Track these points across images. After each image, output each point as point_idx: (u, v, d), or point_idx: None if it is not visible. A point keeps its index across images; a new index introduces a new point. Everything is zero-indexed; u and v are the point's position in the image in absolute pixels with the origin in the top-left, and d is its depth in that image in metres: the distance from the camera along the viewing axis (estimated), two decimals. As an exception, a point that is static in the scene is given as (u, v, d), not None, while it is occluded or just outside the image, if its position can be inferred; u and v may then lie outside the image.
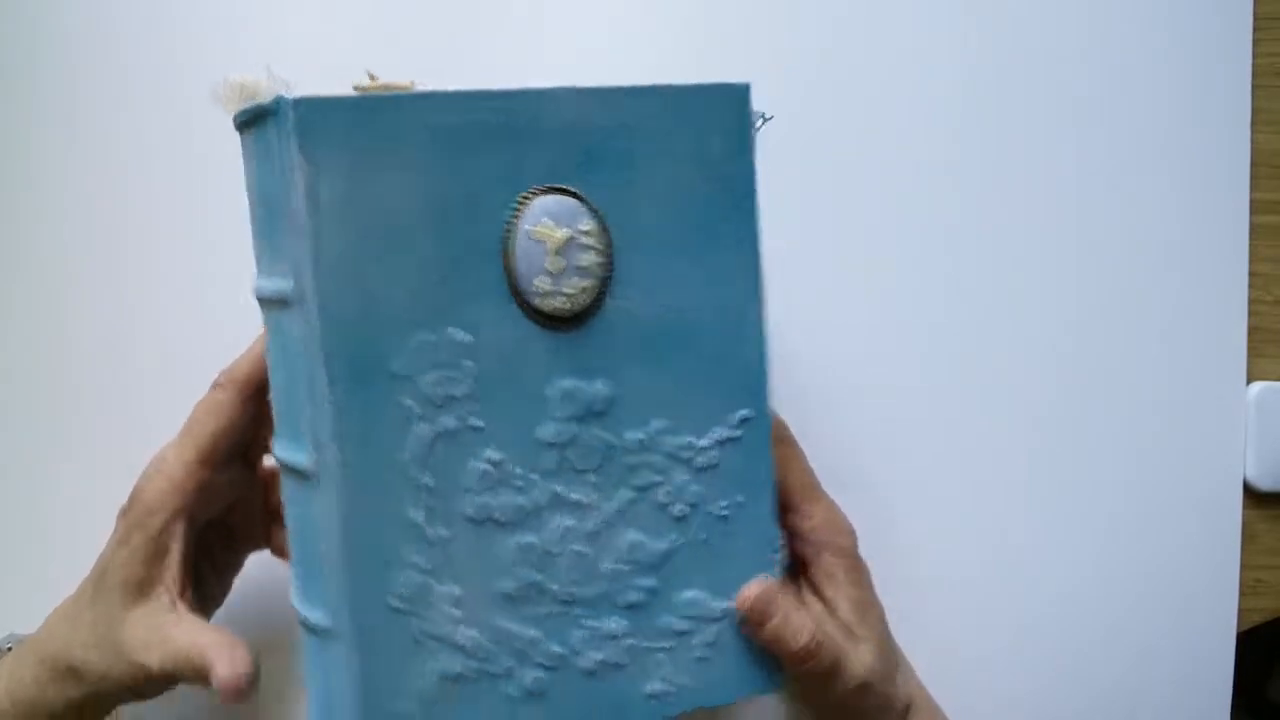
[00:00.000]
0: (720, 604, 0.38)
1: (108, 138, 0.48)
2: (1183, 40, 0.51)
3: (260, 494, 0.42)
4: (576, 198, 0.35)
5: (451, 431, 0.35)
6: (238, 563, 0.43)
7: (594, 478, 0.36)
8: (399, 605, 0.34)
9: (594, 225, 0.35)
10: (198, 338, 0.47)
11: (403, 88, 0.34)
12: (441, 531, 0.35)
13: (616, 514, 0.37)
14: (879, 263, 0.50)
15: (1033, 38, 0.50)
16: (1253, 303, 0.51)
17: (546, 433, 0.36)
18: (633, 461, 0.37)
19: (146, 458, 0.39)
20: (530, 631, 0.36)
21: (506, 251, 0.34)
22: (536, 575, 0.36)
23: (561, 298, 0.35)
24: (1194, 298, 0.50)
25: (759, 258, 0.38)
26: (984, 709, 0.49)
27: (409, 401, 0.34)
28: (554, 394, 0.36)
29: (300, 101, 0.32)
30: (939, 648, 0.48)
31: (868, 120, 0.50)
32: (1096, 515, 0.50)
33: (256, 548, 0.43)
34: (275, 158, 0.33)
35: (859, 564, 0.41)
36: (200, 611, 0.41)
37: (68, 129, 0.48)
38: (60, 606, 0.40)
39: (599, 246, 0.35)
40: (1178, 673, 0.50)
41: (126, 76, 0.48)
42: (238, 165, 0.36)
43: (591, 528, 0.37)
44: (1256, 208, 0.51)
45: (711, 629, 0.38)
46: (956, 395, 0.50)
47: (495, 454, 0.35)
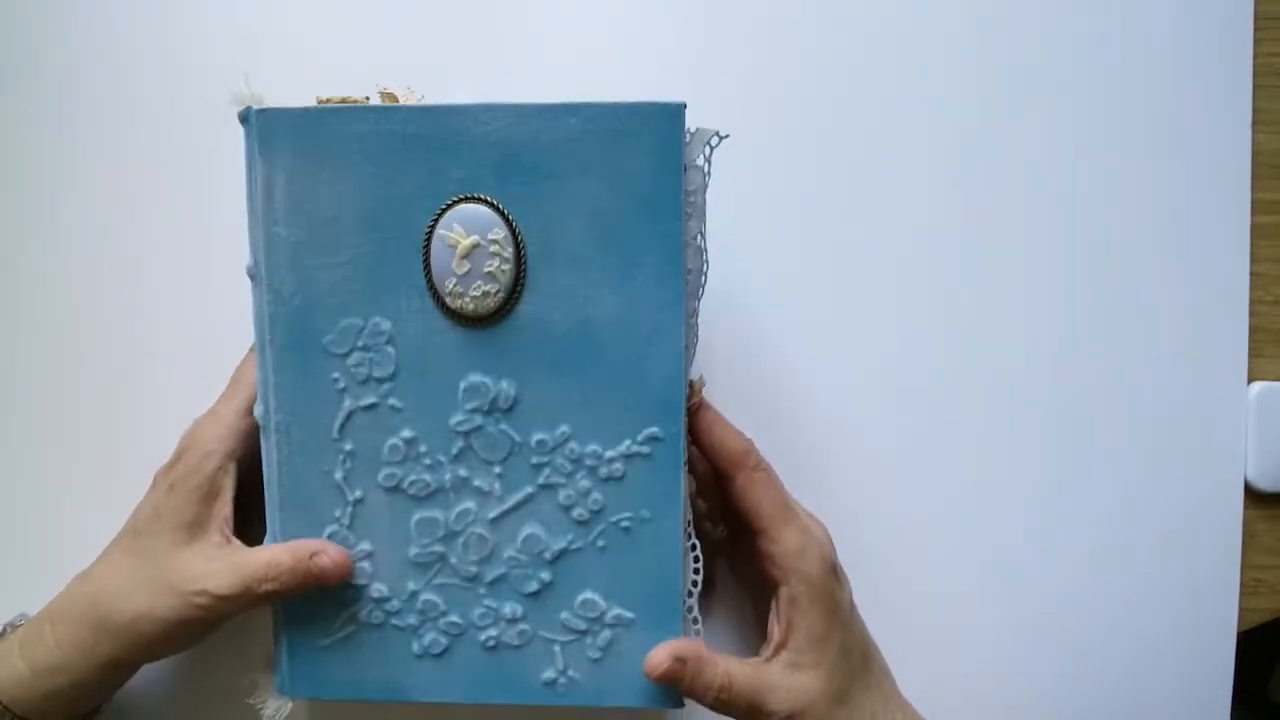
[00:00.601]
0: (615, 611, 0.40)
1: (110, 134, 0.49)
2: (1183, 40, 0.50)
3: None
4: (492, 207, 0.38)
5: (372, 407, 0.39)
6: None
7: (499, 469, 0.40)
8: None
9: (504, 234, 0.38)
10: (202, 334, 0.47)
11: (357, 101, 0.39)
12: (357, 493, 0.40)
13: (517, 506, 0.40)
14: (878, 261, 0.50)
15: (1033, 38, 0.50)
16: (1253, 303, 0.51)
17: (455, 421, 0.39)
18: (537, 460, 0.40)
19: (152, 449, 0.41)
20: (434, 597, 0.40)
21: (425, 253, 0.38)
22: (440, 548, 0.40)
23: (468, 299, 0.38)
24: (1194, 298, 0.50)
25: (682, 280, 0.38)
26: (984, 709, 0.49)
27: (336, 375, 0.39)
28: (464, 387, 0.39)
29: (261, 111, 0.38)
30: (939, 648, 0.49)
31: (865, 119, 0.50)
32: (1097, 515, 0.50)
33: None
34: (249, 157, 0.39)
35: (826, 590, 0.40)
36: None
37: (69, 125, 0.49)
38: (79, 575, 0.41)
39: (505, 255, 0.38)
40: (1178, 673, 0.50)
41: (127, 74, 0.49)
42: (239, 169, 0.37)
43: (493, 515, 0.40)
44: (1257, 208, 0.51)
45: (607, 633, 0.40)
46: (956, 396, 0.50)
47: (409, 433, 0.39)
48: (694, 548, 0.41)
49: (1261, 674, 0.72)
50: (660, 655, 0.39)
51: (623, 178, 0.38)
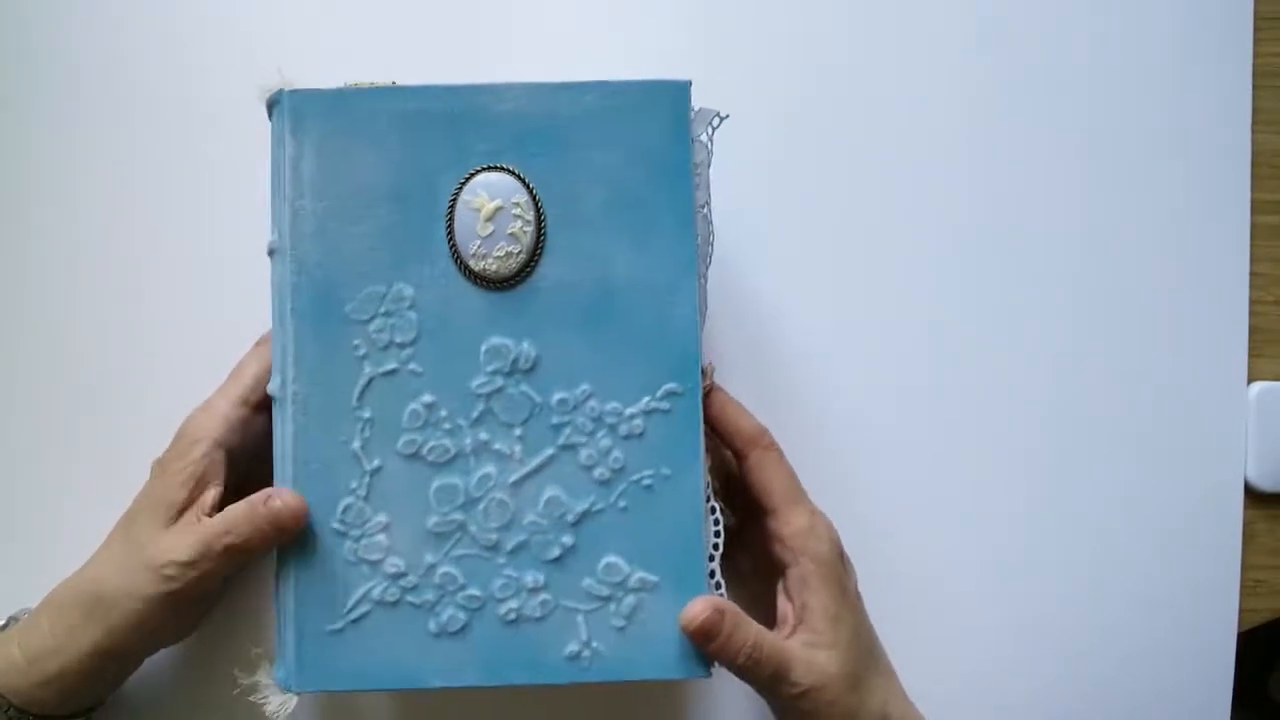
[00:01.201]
0: (639, 574, 0.40)
1: (110, 135, 0.49)
2: (1183, 40, 0.51)
3: None
4: (513, 175, 0.40)
5: (392, 372, 0.40)
6: None
7: (519, 431, 0.40)
8: (340, 527, 0.39)
9: (526, 199, 0.40)
10: (203, 332, 0.47)
11: (384, 85, 0.40)
12: (375, 462, 0.40)
13: (538, 468, 0.40)
14: (878, 260, 0.50)
15: (1033, 38, 0.50)
16: (1253, 303, 0.51)
17: (476, 383, 0.40)
18: (558, 421, 0.40)
19: (152, 447, 0.41)
20: (452, 570, 0.40)
21: (449, 219, 0.40)
22: (460, 516, 0.40)
23: (492, 260, 0.39)
24: (1194, 298, 0.50)
25: (695, 243, 0.40)
26: (984, 708, 0.49)
27: (357, 341, 0.40)
28: (485, 349, 0.40)
29: (293, 93, 0.40)
30: (938, 647, 0.49)
31: (869, 120, 0.50)
32: (1097, 515, 0.50)
33: None
34: (278, 138, 0.40)
35: (835, 571, 0.41)
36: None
37: (68, 126, 0.49)
38: (77, 570, 0.41)
39: (528, 217, 0.40)
40: (1178, 673, 0.50)
41: (125, 74, 0.49)
42: (238, 169, 0.37)
43: (514, 479, 0.40)
44: (1257, 208, 0.51)
45: (630, 599, 0.40)
46: (957, 395, 0.50)
47: (429, 397, 0.40)
48: (714, 510, 0.41)
49: (1261, 674, 0.72)
50: (700, 605, 0.39)
51: (636, 148, 0.40)
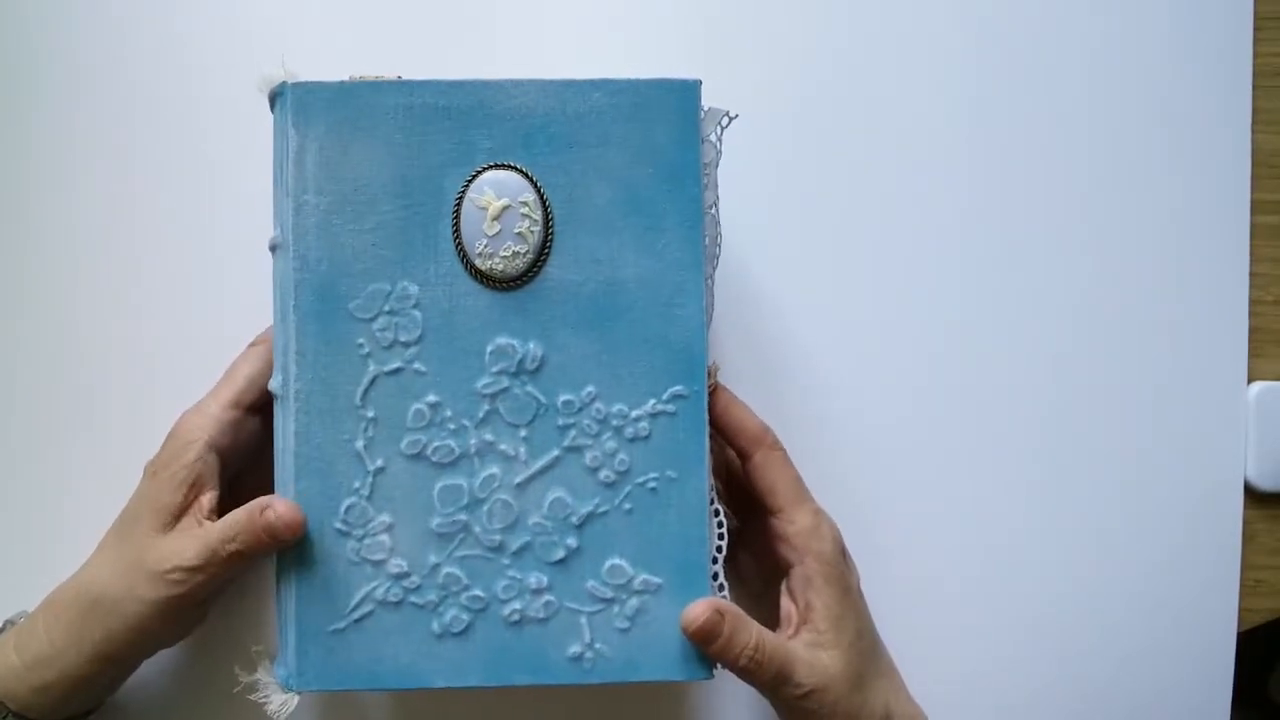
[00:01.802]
0: (643, 576, 0.40)
1: (109, 135, 0.49)
2: (1183, 40, 0.51)
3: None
4: (521, 173, 0.39)
5: (397, 371, 0.39)
6: None
7: (524, 432, 0.40)
8: (342, 527, 0.39)
9: (533, 198, 0.39)
10: (203, 334, 0.47)
11: (389, 79, 0.40)
12: (379, 462, 0.39)
13: (543, 470, 0.40)
14: (879, 260, 0.50)
15: (1033, 38, 0.50)
16: (1253, 303, 0.51)
17: (481, 384, 0.39)
18: (563, 422, 0.40)
19: (152, 449, 0.41)
20: (456, 570, 0.39)
21: (455, 216, 0.39)
22: (464, 517, 0.39)
23: (498, 259, 0.39)
24: (1194, 298, 0.50)
25: (701, 244, 0.40)
26: (984, 708, 0.49)
27: (361, 340, 0.39)
28: (491, 349, 0.39)
29: (296, 85, 0.39)
30: (938, 646, 0.49)
31: (869, 121, 0.50)
32: (1097, 515, 0.50)
33: None
34: (280, 131, 0.40)
35: (839, 570, 0.41)
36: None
37: (67, 126, 0.49)
38: (73, 575, 0.41)
39: (535, 217, 0.39)
40: (1178, 673, 0.50)
41: (129, 72, 0.49)
42: (238, 169, 0.37)
43: (519, 479, 0.40)
44: (1257, 208, 0.51)
45: (634, 601, 0.40)
46: (957, 395, 0.50)
47: (434, 397, 0.39)
48: (717, 513, 0.41)
49: (1261, 674, 0.72)
50: (700, 607, 0.39)
51: (644, 147, 0.40)
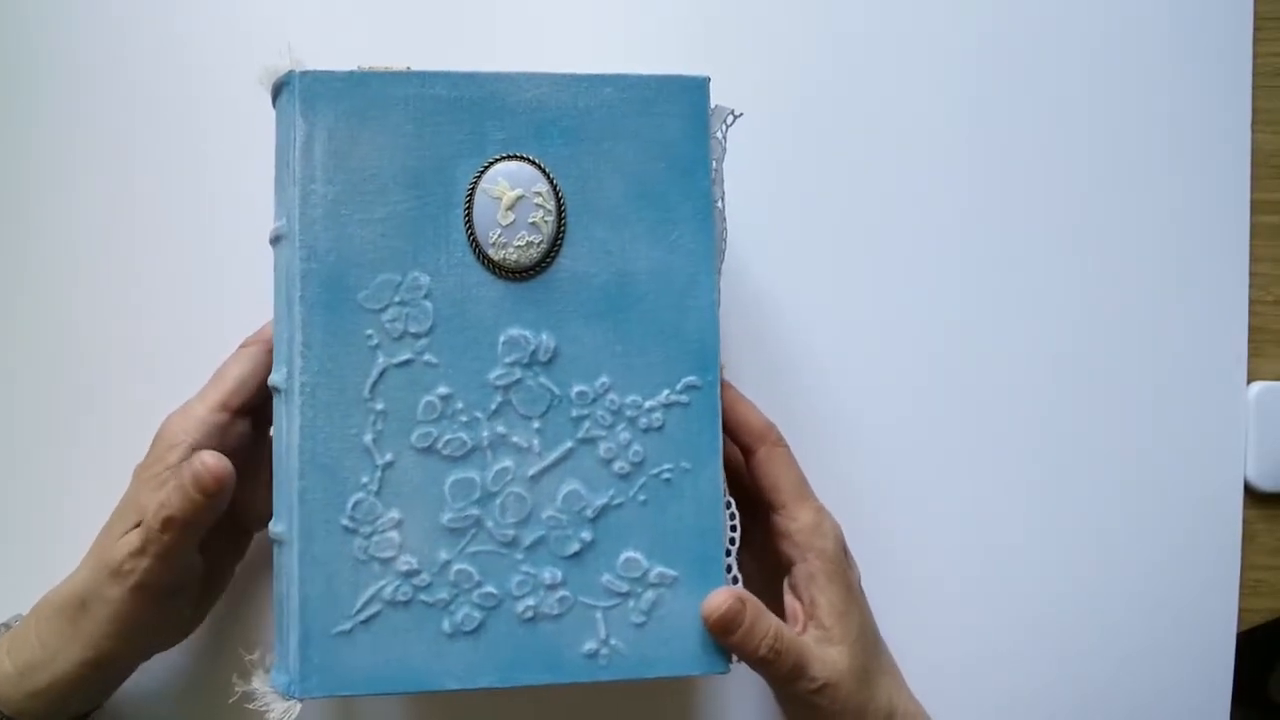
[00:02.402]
0: (658, 569, 0.39)
1: (107, 135, 0.49)
2: (1183, 40, 0.51)
3: (267, 471, 0.42)
4: (533, 164, 0.39)
5: (407, 363, 0.38)
6: (240, 548, 0.44)
7: (538, 424, 0.39)
8: (349, 524, 0.38)
9: (546, 188, 0.39)
10: (202, 334, 0.47)
11: (397, 69, 0.39)
12: (388, 456, 0.38)
13: (557, 462, 0.39)
14: (880, 259, 0.50)
15: (1033, 38, 0.50)
16: (1253, 303, 0.51)
17: (493, 375, 0.39)
18: (577, 413, 0.39)
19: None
20: (467, 567, 0.38)
21: (468, 206, 0.39)
22: (476, 511, 0.39)
23: (512, 249, 0.39)
24: (1194, 298, 0.51)
25: (713, 237, 0.40)
26: (984, 708, 0.49)
27: (370, 331, 0.38)
28: (503, 340, 0.39)
29: (304, 74, 0.38)
30: (939, 646, 0.49)
31: (871, 120, 0.50)
32: (1097, 515, 0.50)
33: (260, 527, 0.43)
34: (286, 121, 0.39)
35: (841, 567, 0.41)
36: (202, 601, 0.43)
37: (66, 127, 0.49)
38: (63, 580, 0.41)
39: (549, 207, 0.39)
40: (1178, 673, 0.50)
41: (129, 71, 0.49)
42: (240, 171, 0.36)
43: (532, 472, 0.39)
44: (1257, 208, 0.51)
45: (650, 594, 0.39)
46: (958, 394, 0.50)
47: (445, 389, 0.39)
48: (729, 505, 0.41)
49: (1261, 674, 0.72)
50: (722, 595, 0.38)
51: (655, 141, 0.40)
